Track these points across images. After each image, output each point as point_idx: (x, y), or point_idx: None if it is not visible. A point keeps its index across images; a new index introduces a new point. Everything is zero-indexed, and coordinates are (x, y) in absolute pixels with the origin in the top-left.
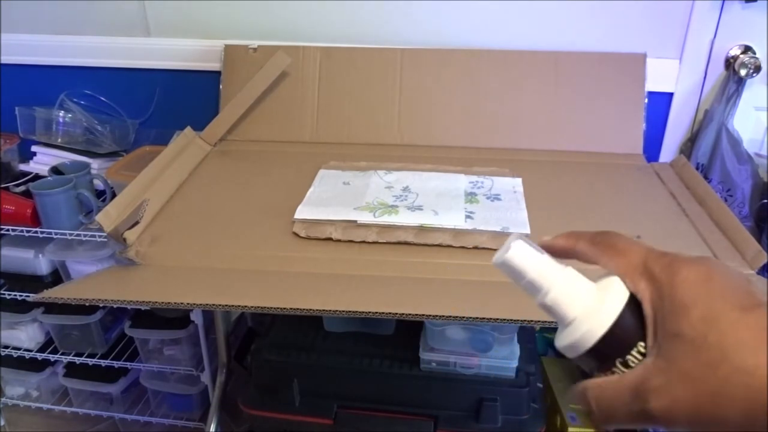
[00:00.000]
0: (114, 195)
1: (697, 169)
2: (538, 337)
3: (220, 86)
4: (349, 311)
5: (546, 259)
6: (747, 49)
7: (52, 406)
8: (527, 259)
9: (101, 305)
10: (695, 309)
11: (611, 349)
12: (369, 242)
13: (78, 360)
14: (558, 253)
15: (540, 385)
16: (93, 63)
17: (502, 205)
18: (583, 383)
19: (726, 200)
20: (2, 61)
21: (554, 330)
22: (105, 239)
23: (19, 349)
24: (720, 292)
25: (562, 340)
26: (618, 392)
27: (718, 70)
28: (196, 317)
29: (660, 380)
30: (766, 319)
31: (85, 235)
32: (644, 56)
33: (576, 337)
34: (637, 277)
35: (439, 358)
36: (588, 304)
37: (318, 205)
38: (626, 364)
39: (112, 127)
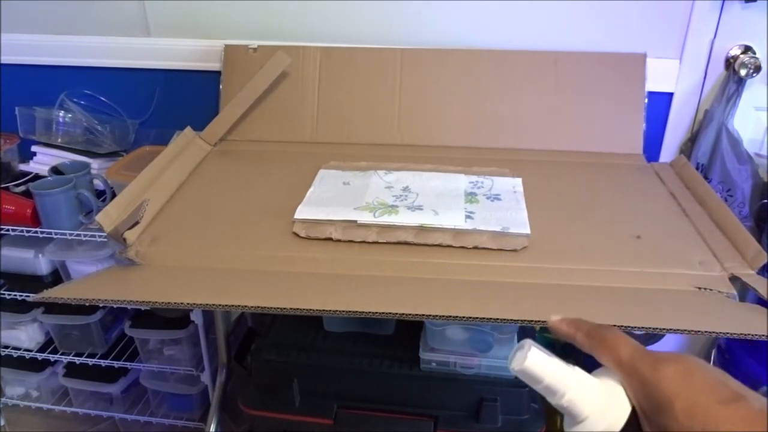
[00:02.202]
0: (114, 195)
1: (697, 169)
2: (539, 338)
3: (220, 86)
4: (349, 311)
5: (558, 363)
6: (747, 49)
7: (52, 406)
8: (543, 366)
9: (101, 305)
10: (678, 402)
11: None
12: (369, 242)
13: (78, 360)
14: (561, 336)
15: None
16: (93, 63)
17: (502, 205)
18: None
19: (726, 200)
20: (2, 61)
21: None
22: (105, 239)
23: (19, 349)
24: (700, 386)
25: None
26: None
27: (718, 70)
28: (196, 317)
29: None
30: (742, 411)
31: (85, 235)
32: (644, 56)
33: None
34: (624, 372)
35: (439, 358)
36: (599, 404)
37: (318, 205)
38: None
39: (112, 127)
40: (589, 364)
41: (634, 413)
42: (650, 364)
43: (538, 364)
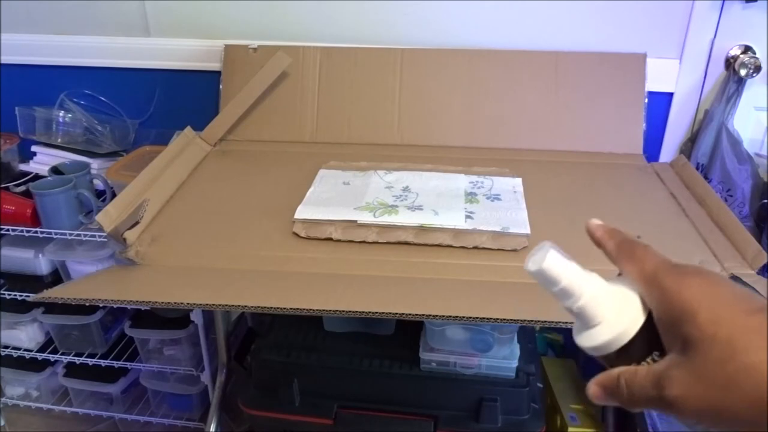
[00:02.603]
0: (114, 195)
1: (697, 169)
2: (538, 337)
3: (220, 86)
4: (349, 311)
5: (576, 266)
6: (747, 49)
7: (52, 406)
8: (562, 268)
9: (101, 305)
10: (701, 312)
11: (637, 348)
12: (369, 242)
13: (78, 360)
14: (594, 240)
15: (540, 385)
16: (93, 63)
17: (502, 205)
18: (618, 370)
19: (726, 200)
20: (2, 61)
21: (554, 330)
22: (105, 239)
23: (19, 349)
24: (724, 297)
25: (588, 340)
26: (644, 379)
27: (718, 70)
28: (196, 317)
29: (676, 372)
30: (767, 321)
31: (85, 235)
32: (644, 56)
33: (606, 338)
34: (647, 284)
35: (439, 358)
36: (614, 310)
37: (318, 205)
38: (653, 360)
39: (112, 127)
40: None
41: (648, 325)
42: (674, 275)
43: (557, 265)
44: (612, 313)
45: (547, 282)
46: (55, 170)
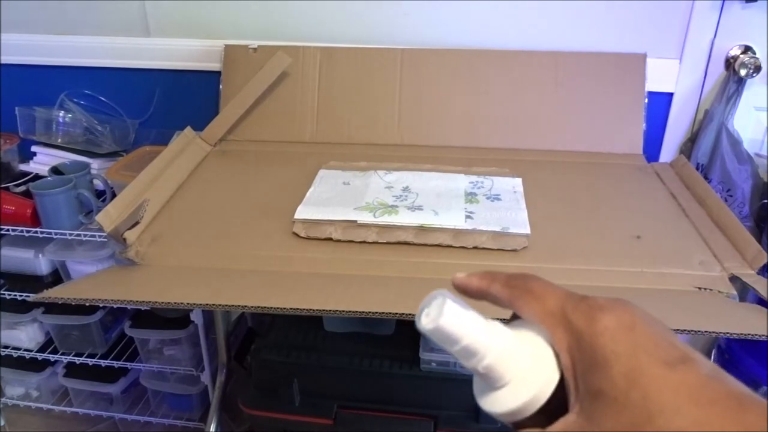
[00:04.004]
0: (114, 195)
1: (697, 169)
2: None
3: (220, 86)
4: (349, 311)
5: (476, 317)
6: (747, 49)
7: (52, 406)
8: (462, 323)
9: (101, 305)
10: (617, 363)
11: (552, 409)
12: (369, 242)
13: (78, 360)
14: (471, 293)
15: None
16: (93, 63)
17: (502, 205)
18: None
19: (726, 200)
20: (2, 61)
21: None
22: (105, 239)
23: (19, 349)
24: (643, 343)
25: (497, 405)
26: None
27: (718, 70)
28: (196, 317)
29: None
30: (691, 375)
31: (85, 235)
32: (644, 56)
33: (518, 403)
34: (553, 325)
35: (439, 358)
36: (524, 366)
37: (318, 205)
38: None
39: (112, 127)
40: None
41: (562, 379)
42: (586, 315)
43: (455, 321)
44: (521, 371)
45: (446, 341)
46: (55, 170)
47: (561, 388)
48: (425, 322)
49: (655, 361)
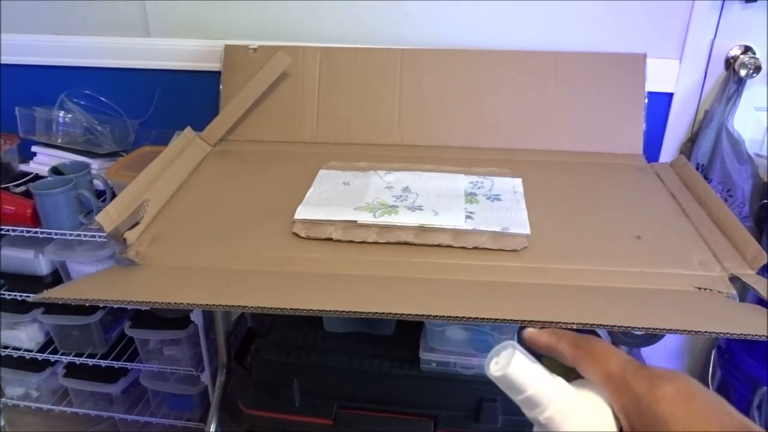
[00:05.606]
0: (114, 195)
1: (697, 169)
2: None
3: (220, 86)
4: (349, 311)
5: (542, 371)
6: (747, 49)
7: (52, 407)
8: (528, 374)
9: (101, 305)
10: (677, 426)
11: None
12: (369, 242)
13: (78, 360)
14: (540, 347)
15: None
16: (93, 63)
17: (502, 206)
18: None
19: (726, 200)
20: (2, 61)
21: None
22: (105, 239)
23: (19, 349)
24: (701, 412)
25: None
26: None
27: (718, 70)
28: (196, 317)
29: None
30: None
31: (85, 235)
32: (644, 56)
33: None
34: (613, 388)
35: (439, 358)
36: (583, 422)
37: (318, 205)
38: None
39: (112, 127)
40: None
41: None
42: (647, 381)
43: (522, 371)
44: (581, 427)
45: (512, 389)
46: (55, 170)
47: None
48: (494, 369)
49: (713, 427)
